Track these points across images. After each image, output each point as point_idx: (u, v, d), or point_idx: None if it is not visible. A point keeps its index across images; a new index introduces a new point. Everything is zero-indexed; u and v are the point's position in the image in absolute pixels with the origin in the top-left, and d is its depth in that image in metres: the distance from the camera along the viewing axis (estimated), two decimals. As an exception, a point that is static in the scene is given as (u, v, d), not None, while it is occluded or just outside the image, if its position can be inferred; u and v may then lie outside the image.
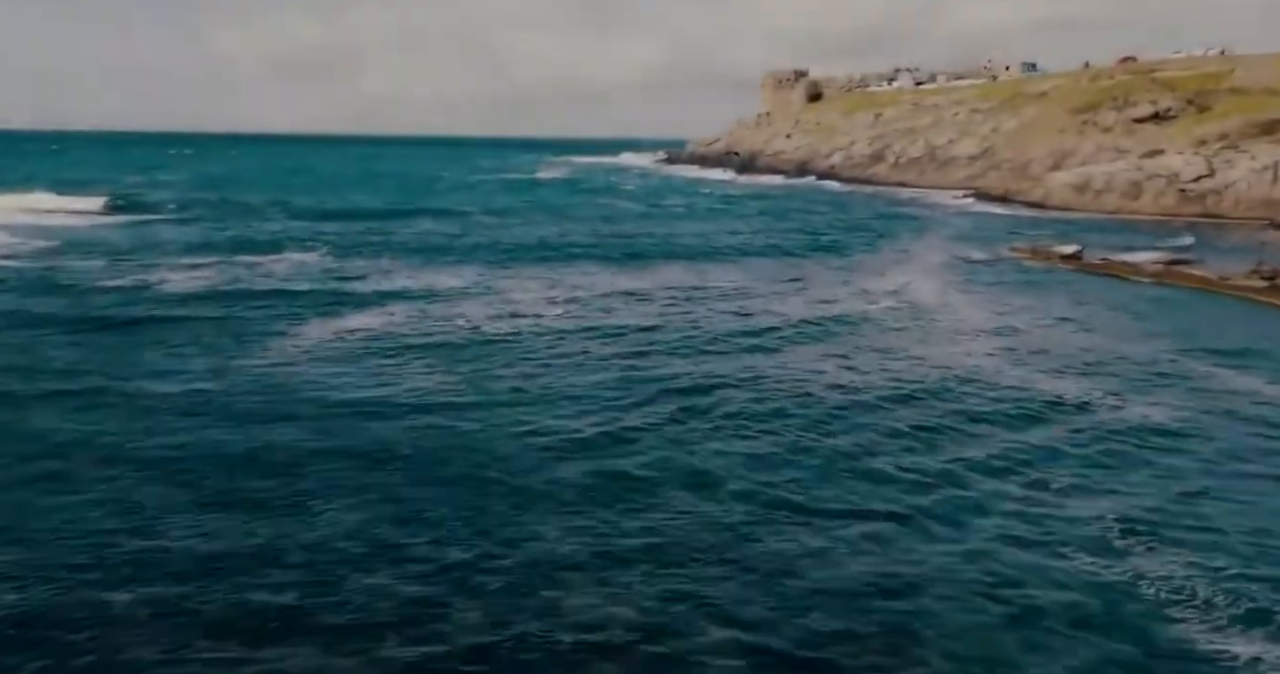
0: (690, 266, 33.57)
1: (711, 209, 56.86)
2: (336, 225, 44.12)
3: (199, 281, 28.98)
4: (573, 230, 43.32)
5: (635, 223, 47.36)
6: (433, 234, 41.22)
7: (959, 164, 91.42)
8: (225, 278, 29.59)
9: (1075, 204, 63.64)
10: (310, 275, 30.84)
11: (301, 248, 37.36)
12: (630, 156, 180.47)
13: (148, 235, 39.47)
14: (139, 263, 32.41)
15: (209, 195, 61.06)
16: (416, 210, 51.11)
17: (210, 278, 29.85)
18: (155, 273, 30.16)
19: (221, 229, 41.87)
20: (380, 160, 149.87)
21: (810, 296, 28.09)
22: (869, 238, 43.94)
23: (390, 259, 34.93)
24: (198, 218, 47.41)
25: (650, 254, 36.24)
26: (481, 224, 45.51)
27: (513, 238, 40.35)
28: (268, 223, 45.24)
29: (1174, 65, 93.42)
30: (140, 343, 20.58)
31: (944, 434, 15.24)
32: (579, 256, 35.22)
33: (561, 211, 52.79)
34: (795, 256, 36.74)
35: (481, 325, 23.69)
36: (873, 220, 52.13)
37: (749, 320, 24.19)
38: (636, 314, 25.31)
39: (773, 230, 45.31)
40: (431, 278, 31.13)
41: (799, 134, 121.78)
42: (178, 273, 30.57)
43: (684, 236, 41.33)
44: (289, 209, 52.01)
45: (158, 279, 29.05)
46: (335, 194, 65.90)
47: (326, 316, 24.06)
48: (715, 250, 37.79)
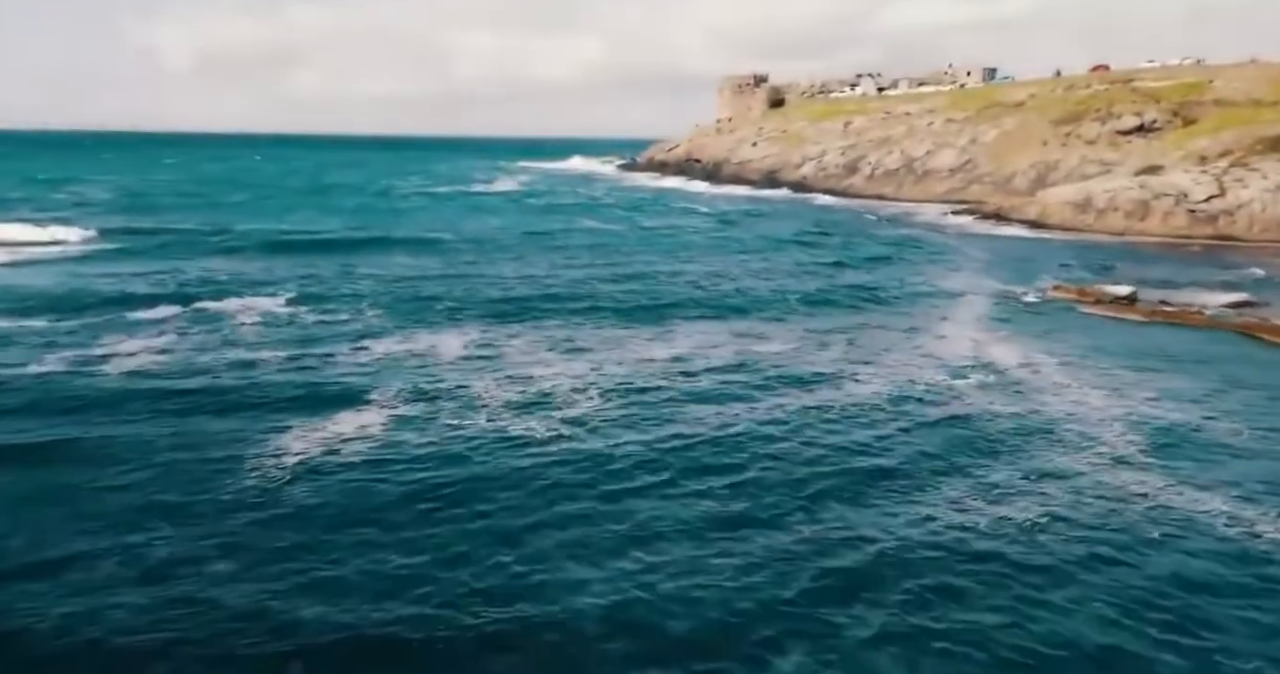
0: (721, 323, 29.14)
1: (705, 234, 52.48)
2: (296, 261, 38.68)
3: (145, 358, 23.63)
4: (568, 267, 38.53)
5: (633, 255, 42.72)
6: (411, 274, 36.08)
7: (938, 176, 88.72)
8: (177, 354, 24.21)
9: (1077, 223, 60.82)
10: (279, 341, 25.65)
11: (261, 293, 32.03)
12: (580, 161, 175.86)
13: (73, 282, 33.64)
14: (65, 329, 26.81)
15: (140, 220, 54.72)
16: (383, 239, 45.75)
17: (158, 351, 24.52)
18: (87, 346, 24.67)
19: (161, 270, 36.13)
20: (326, 168, 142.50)
21: (882, 368, 23.87)
22: (893, 272, 40.04)
23: (370, 311, 29.87)
24: (131, 252, 41.44)
25: (668, 302, 31.69)
26: (463, 259, 40.42)
27: (503, 280, 35.46)
28: (214, 258, 39.56)
29: (1149, 75, 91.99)
30: (71, 491, 15.41)
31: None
32: (590, 309, 30.54)
33: (545, 240, 47.91)
34: (830, 304, 32.52)
35: (506, 424, 18.95)
36: (883, 247, 48.35)
37: (833, 415, 19.80)
38: (687, 401, 20.78)
39: (785, 264, 41.11)
40: (427, 342, 26.23)
41: (765, 142, 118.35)
42: (116, 343, 25.15)
43: (695, 276, 36.82)
44: (236, 238, 46.23)
45: (91, 357, 23.60)
46: (285, 214, 59.96)
47: (310, 419, 19.03)
48: (738, 294, 33.39)
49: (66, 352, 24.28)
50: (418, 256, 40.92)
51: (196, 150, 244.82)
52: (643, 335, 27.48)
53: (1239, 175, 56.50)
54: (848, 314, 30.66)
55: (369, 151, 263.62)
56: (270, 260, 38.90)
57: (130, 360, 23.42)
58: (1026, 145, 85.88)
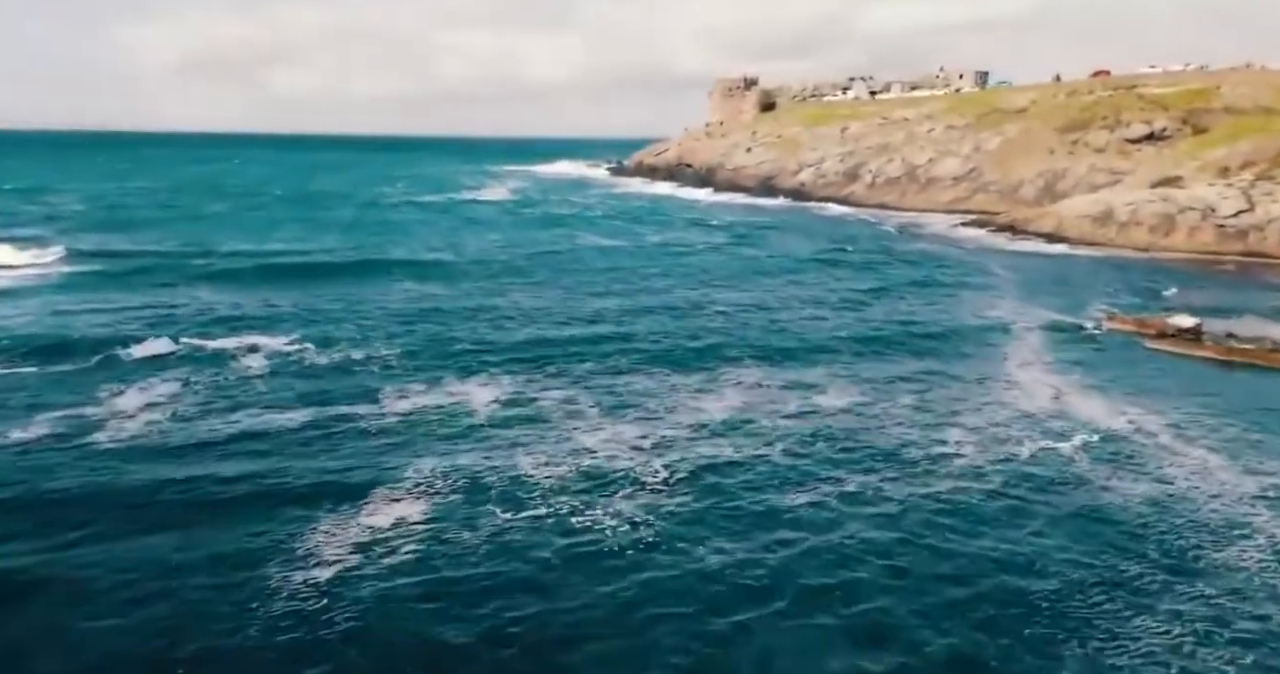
0: (772, 368, 26.63)
1: (720, 252, 49.91)
2: (293, 290, 35.75)
3: (142, 421, 20.87)
4: (587, 296, 35.83)
5: (651, 279, 40.09)
6: (420, 306, 33.27)
7: (942, 185, 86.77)
8: (178, 416, 21.42)
9: (1097, 237, 58.90)
10: (291, 397, 22.90)
11: (262, 330, 29.16)
12: (569, 165, 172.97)
13: (52, 319, 30.61)
14: (52, 377, 23.94)
15: (118, 239, 51.45)
16: (382, 262, 42.78)
17: (156, 409, 21.77)
18: (76, 402, 21.83)
19: (149, 303, 33.12)
20: (311, 172, 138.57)
21: (970, 431, 21.51)
22: (933, 299, 37.74)
23: (383, 350, 27.13)
24: (112, 278, 38.31)
25: (708, 342, 29.13)
26: (471, 286, 37.62)
27: (521, 313, 32.75)
28: (203, 286, 36.53)
29: (1153, 81, 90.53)
30: (49, 637, 12.65)
31: None
32: (623, 351, 27.90)
33: (553, 260, 45.16)
34: (881, 342, 30.08)
35: (570, 519, 16.34)
36: (909, 267, 46.07)
37: (945, 504, 17.34)
38: (768, 485, 18.29)
39: (817, 290, 38.64)
40: (452, 394, 23.59)
41: (760, 148, 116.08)
42: (109, 397, 22.37)
43: (726, 306, 34.21)
44: (224, 261, 43.18)
45: (81, 420, 20.78)
46: (271, 230, 56.81)
47: (340, 511, 16.36)
48: (780, 331, 30.85)
49: (54, 411, 21.58)
50: (423, 282, 38.07)
51: (177, 152, 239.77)
52: (689, 384, 24.92)
53: (1267, 189, 54.77)
54: (904, 356, 28.21)
55: (353, 153, 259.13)
56: (265, 289, 35.92)
57: (125, 425, 20.65)
58: (1032, 153, 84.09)
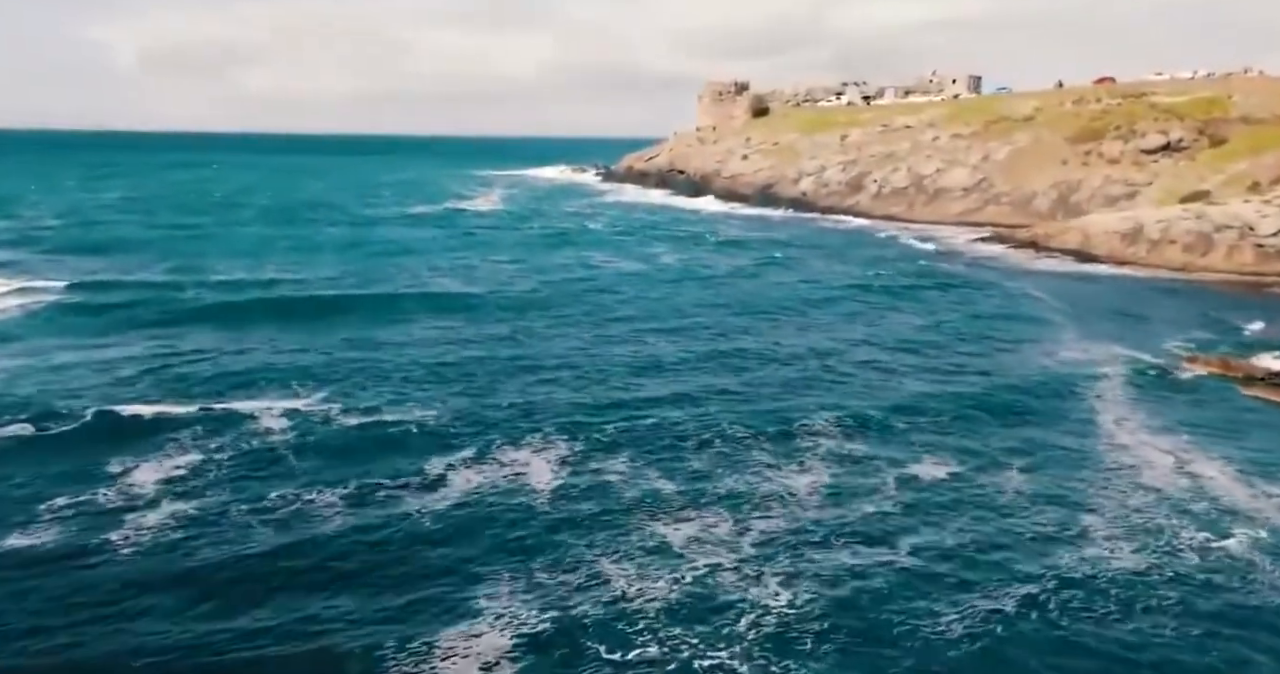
0: (853, 432, 23.87)
1: (754, 280, 46.86)
2: (304, 332, 32.53)
3: (165, 513, 17.98)
4: (628, 340, 32.76)
5: (692, 316, 36.88)
6: (449, 352, 30.16)
7: (951, 196, 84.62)
8: (203, 509, 18.45)
9: (1128, 256, 56.79)
10: (327, 477, 20.00)
11: (279, 385, 26.05)
12: (555, 170, 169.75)
13: (42, 371, 27.35)
14: (53, 443, 20.86)
15: (99, 264, 47.93)
16: (394, 296, 39.34)
17: (175, 497, 18.86)
18: (87, 487, 18.80)
19: (147, 350, 29.85)
20: (289, 179, 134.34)
21: (1102, 516, 19.00)
22: (991, 333, 35.25)
23: (418, 411, 24.15)
24: (99, 314, 34.97)
25: (776, 400, 26.29)
26: (498, 323, 34.46)
27: (560, 359, 29.75)
28: (203, 328, 33.20)
29: (1162, 89, 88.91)
30: None
31: None
32: (686, 410, 25.04)
33: (574, 288, 42.07)
34: (957, 396, 27.30)
35: (689, 656, 13.54)
36: (951, 295, 43.60)
37: (1125, 630, 14.70)
38: (897, 582, 15.61)
39: (869, 328, 35.86)
40: (506, 469, 20.83)
41: (757, 155, 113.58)
42: (123, 478, 19.43)
43: (784, 355, 31.12)
44: (220, 292, 39.90)
45: (94, 516, 17.81)
46: (263, 253, 53.41)
47: (409, 651, 13.41)
48: (849, 384, 28.04)
49: (59, 499, 18.69)
50: (442, 319, 34.97)
51: (150, 155, 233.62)
52: (766, 453, 22.17)
53: (1308, 207, 52.86)
54: (987, 413, 25.48)
55: (330, 156, 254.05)
56: (271, 328, 32.72)
57: (144, 522, 17.71)
58: (1043, 164, 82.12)
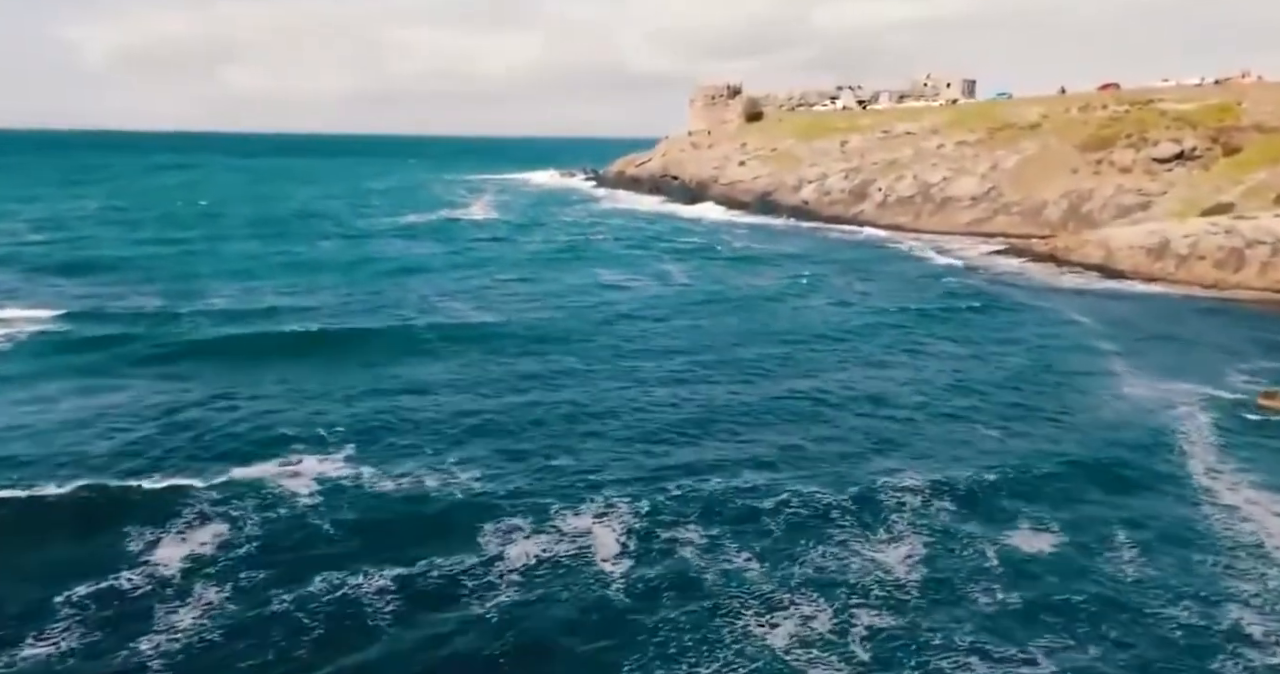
0: (938, 491, 21.77)
1: (781, 302, 44.29)
2: (315, 372, 30.05)
3: (197, 606, 15.76)
4: (668, 377, 30.39)
5: (732, 347, 34.37)
6: (480, 399, 27.63)
7: (959, 206, 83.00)
8: (234, 585, 16.33)
9: (1154, 271, 55.21)
10: (371, 559, 17.85)
11: (302, 441, 23.64)
12: (545, 175, 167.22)
13: (32, 427, 24.77)
14: (69, 515, 18.52)
15: (86, 288, 45.13)
16: (408, 328, 36.51)
17: (205, 579, 16.81)
18: (110, 572, 16.47)
19: (150, 400, 27.27)
20: (274, 184, 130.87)
21: (1252, 605, 16.86)
22: (1043, 365, 33.36)
23: (461, 473, 21.94)
24: (89, 350, 32.29)
25: (846, 452, 24.15)
26: (526, 360, 31.84)
27: (603, 403, 27.40)
28: (205, 369, 30.60)
29: (1169, 95, 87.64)
30: None
31: None
32: (754, 467, 22.89)
33: (600, 318, 39.26)
34: (1035, 452, 25.37)
35: None
36: (986, 319, 41.77)
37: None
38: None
39: (915, 363, 33.60)
40: (566, 539, 18.73)
41: (755, 161, 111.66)
42: (139, 556, 17.19)
43: (842, 397, 28.67)
44: (215, 323, 37.32)
45: (114, 593, 15.55)
46: (259, 272, 50.77)
47: None
48: (920, 434, 25.86)
49: (78, 588, 16.57)
50: (463, 354, 32.54)
51: (132, 157, 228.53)
52: (852, 518, 20.07)
53: (1342, 222, 51.44)
54: (1076, 471, 23.26)
55: (314, 158, 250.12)
56: (283, 369, 30.17)
57: (176, 620, 15.58)
58: (1053, 172, 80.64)
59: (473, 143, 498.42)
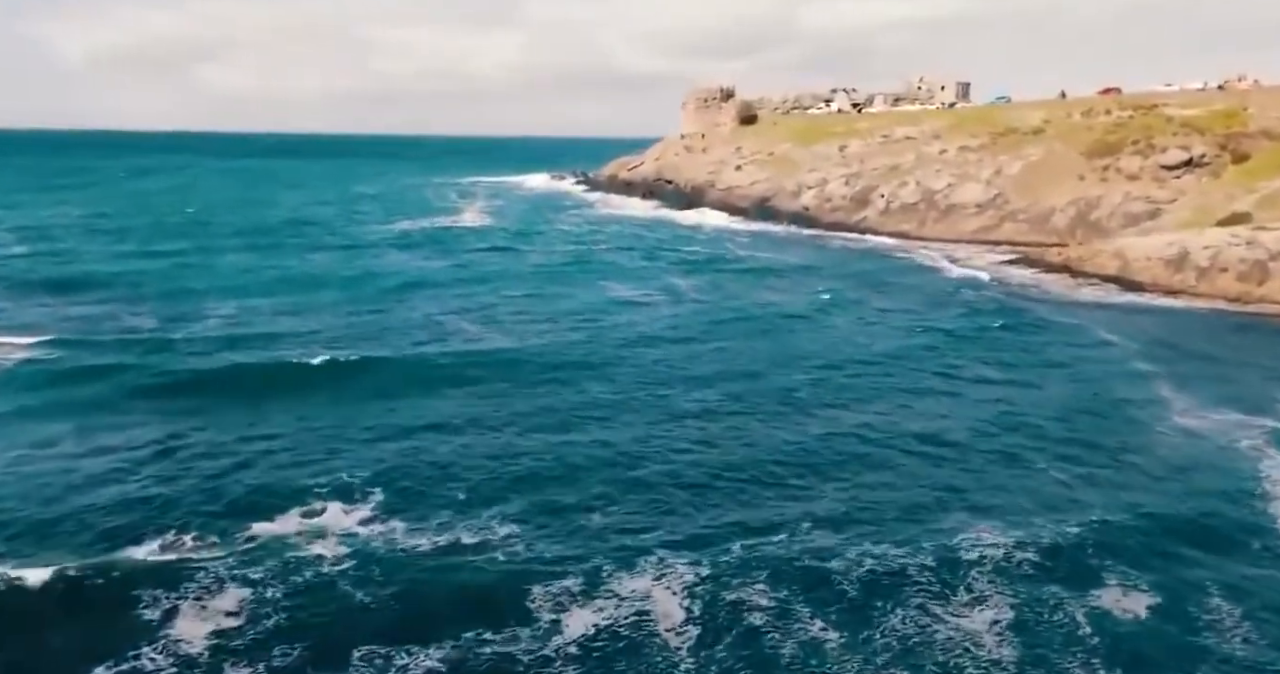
0: (1022, 558, 20.16)
1: (808, 323, 42.56)
2: (328, 408, 28.16)
3: None
4: (703, 413, 28.70)
5: (768, 376, 32.17)
6: (511, 442, 25.67)
7: (965, 213, 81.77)
8: (265, 665, 14.42)
9: (1174, 284, 54.02)
10: (411, 633, 15.96)
11: (320, 490, 21.83)
12: (538, 179, 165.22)
13: (24, 478, 22.82)
14: (62, 589, 16.59)
15: (71, 308, 42.99)
16: (424, 355, 34.51)
17: (231, 656, 14.88)
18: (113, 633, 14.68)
19: (148, 443, 25.34)
20: (266, 188, 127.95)
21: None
22: (1090, 395, 31.93)
23: (503, 529, 20.24)
24: (83, 388, 30.20)
25: (915, 512, 22.50)
26: (550, 396, 29.75)
27: (643, 444, 25.56)
28: (207, 405, 28.57)
29: (1173, 100, 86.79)
30: None
31: None
32: (812, 522, 21.23)
33: (617, 341, 37.45)
34: (1105, 497, 23.88)
35: None
36: (1015, 338, 40.45)
37: None
38: None
39: (960, 399, 31.70)
40: (629, 605, 17.04)
41: (752, 166, 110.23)
42: (158, 630, 15.34)
43: (895, 437, 26.72)
44: (214, 351, 35.34)
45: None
46: (255, 289, 48.69)
47: None
48: (994, 486, 24.34)
49: (95, 669, 14.85)
50: (482, 386, 30.51)
51: (112, 158, 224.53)
52: (932, 585, 18.47)
53: (1368, 234, 50.43)
54: (1148, 520, 21.80)
55: (300, 159, 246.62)
56: (294, 404, 28.24)
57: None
58: (1059, 179, 79.55)
59: (460, 143, 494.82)
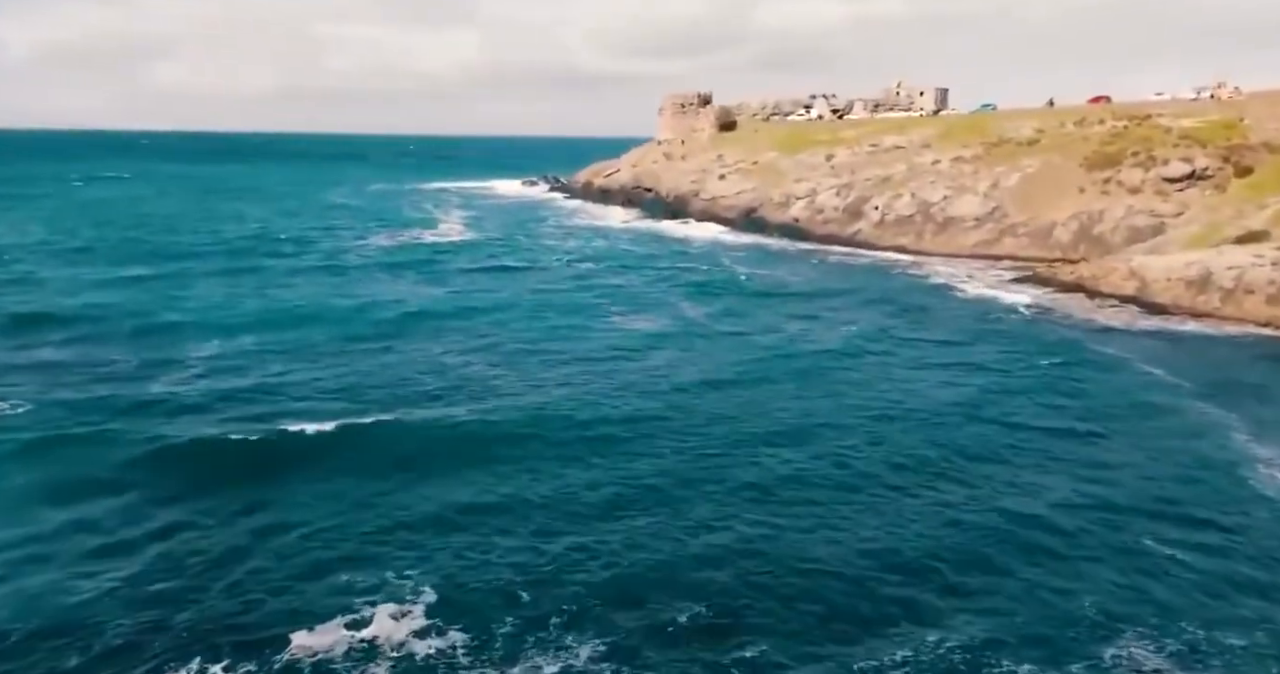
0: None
1: (840, 355, 39.92)
2: (357, 489, 24.69)
3: None
4: (799, 498, 25.77)
5: (838, 438, 28.66)
6: (578, 548, 22.24)
7: (963, 226, 79.92)
8: None
9: (1198, 305, 52.42)
10: None
11: (379, 596, 18.66)
12: (511, 186, 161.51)
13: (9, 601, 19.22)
14: None
15: (29, 356, 38.76)
16: (451, 418, 30.46)
17: None
18: None
19: (148, 531, 21.76)
20: (225, 198, 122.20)
21: None
22: (1157, 443, 29.58)
23: (578, 646, 17.13)
24: (66, 468, 26.37)
25: (1045, 624, 19.78)
26: (607, 471, 26.35)
27: (727, 545, 22.58)
28: (212, 487, 25.08)
29: (1166, 110, 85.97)
30: None
31: None
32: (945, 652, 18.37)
33: (651, 390, 33.91)
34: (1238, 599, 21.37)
35: None
36: (1057, 371, 38.11)
37: None
38: None
39: (1037, 460, 29.42)
40: None
41: (736, 175, 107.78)
42: None
43: (983, 513, 24.51)
44: (215, 416, 31.64)
45: None
46: (239, 325, 44.75)
47: None
48: (1130, 597, 21.77)
49: None
50: (527, 462, 26.32)
51: (57, 163, 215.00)
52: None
53: (1400, 256, 49.12)
54: None
55: (258, 163, 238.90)
56: (308, 480, 24.77)
57: None
58: (1059, 191, 78.00)
59: (420, 143, 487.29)
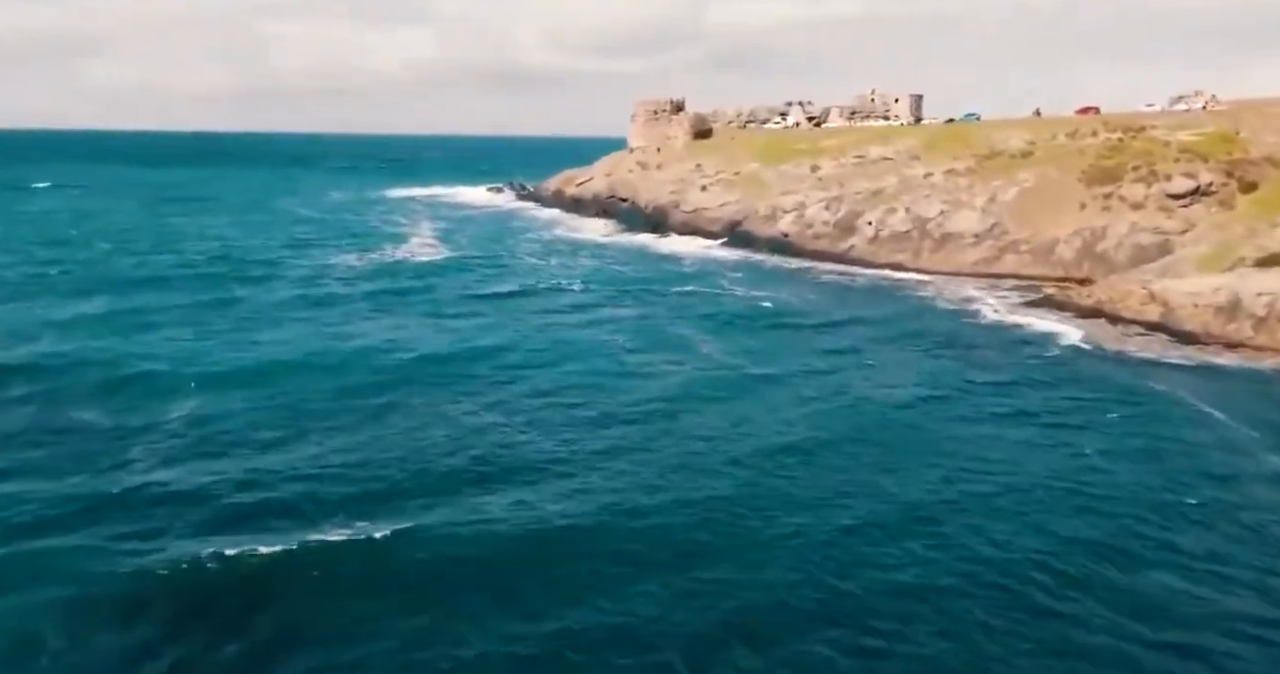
0: None
1: (897, 406, 36.84)
2: (393, 632, 21.00)
3: None
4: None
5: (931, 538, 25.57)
6: None
7: (962, 243, 77.82)
8: None
9: (1228, 334, 50.69)
10: None
11: None
12: (476, 193, 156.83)
13: None
14: None
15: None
16: (511, 541, 26.14)
17: None
18: None
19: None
20: (174, 209, 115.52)
21: None
22: (1238, 511, 27.16)
23: None
24: (43, 598, 22.23)
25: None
26: (665, 584, 23.64)
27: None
28: (241, 635, 21.20)
29: (1159, 121, 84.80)
30: None
31: None
32: None
33: (696, 466, 30.06)
34: None
35: None
36: (1107, 420, 35.68)
37: None
38: None
39: (1128, 542, 26.67)
40: None
41: (718, 186, 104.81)
42: None
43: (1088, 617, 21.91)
44: (203, 518, 27.60)
45: None
46: (213, 381, 40.17)
47: None
48: None
49: None
50: (587, 577, 22.68)
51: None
52: None
53: None
54: None
55: (207, 167, 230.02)
56: (345, 619, 20.97)
57: None
58: (1059, 207, 76.22)
59: (371, 144, 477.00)
